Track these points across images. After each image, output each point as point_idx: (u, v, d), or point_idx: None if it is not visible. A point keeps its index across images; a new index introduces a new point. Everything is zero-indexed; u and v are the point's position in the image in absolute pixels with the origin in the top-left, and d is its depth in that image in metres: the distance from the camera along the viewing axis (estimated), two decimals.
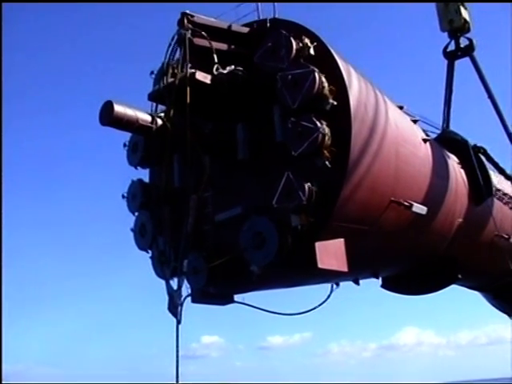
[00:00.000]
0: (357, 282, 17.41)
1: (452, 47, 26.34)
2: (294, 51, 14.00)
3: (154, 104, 15.52)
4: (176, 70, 14.67)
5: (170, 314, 14.54)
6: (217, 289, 15.04)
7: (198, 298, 15.36)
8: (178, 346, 13.95)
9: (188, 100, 14.25)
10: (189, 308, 15.14)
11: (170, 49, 14.89)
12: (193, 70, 14.39)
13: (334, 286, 15.99)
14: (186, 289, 14.79)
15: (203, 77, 14.48)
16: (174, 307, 14.51)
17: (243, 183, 14.98)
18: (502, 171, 21.94)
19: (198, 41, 14.72)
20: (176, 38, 14.73)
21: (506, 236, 21.63)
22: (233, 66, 14.80)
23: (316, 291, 16.18)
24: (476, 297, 27.86)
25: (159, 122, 15.26)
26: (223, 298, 15.78)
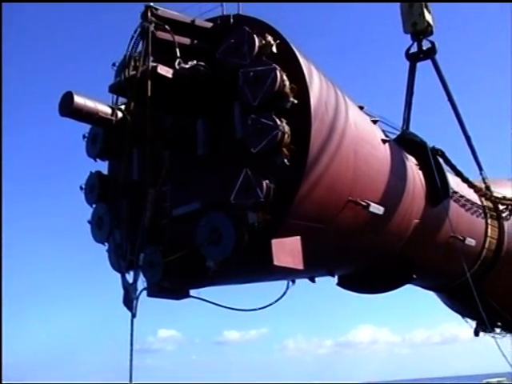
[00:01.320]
0: (313, 280, 17.61)
1: (414, 49, 26.63)
2: (256, 48, 13.97)
3: (115, 96, 15.47)
4: (138, 63, 14.58)
5: (125, 308, 14.54)
6: (172, 283, 15.01)
7: (154, 292, 15.30)
8: (132, 341, 13.94)
9: (149, 93, 14.20)
10: (147, 302, 15.16)
11: (133, 41, 14.78)
12: (155, 64, 14.30)
13: (291, 282, 16.09)
14: (141, 282, 14.82)
15: (165, 71, 14.40)
16: (130, 301, 14.47)
17: (202, 178, 14.96)
18: (458, 173, 22.19)
19: (160, 34, 14.62)
20: (139, 30, 14.65)
21: (462, 238, 21.93)
22: (195, 61, 14.77)
23: (273, 287, 16.26)
24: (432, 297, 28.29)
25: (119, 114, 15.20)
26: (179, 292, 15.75)
